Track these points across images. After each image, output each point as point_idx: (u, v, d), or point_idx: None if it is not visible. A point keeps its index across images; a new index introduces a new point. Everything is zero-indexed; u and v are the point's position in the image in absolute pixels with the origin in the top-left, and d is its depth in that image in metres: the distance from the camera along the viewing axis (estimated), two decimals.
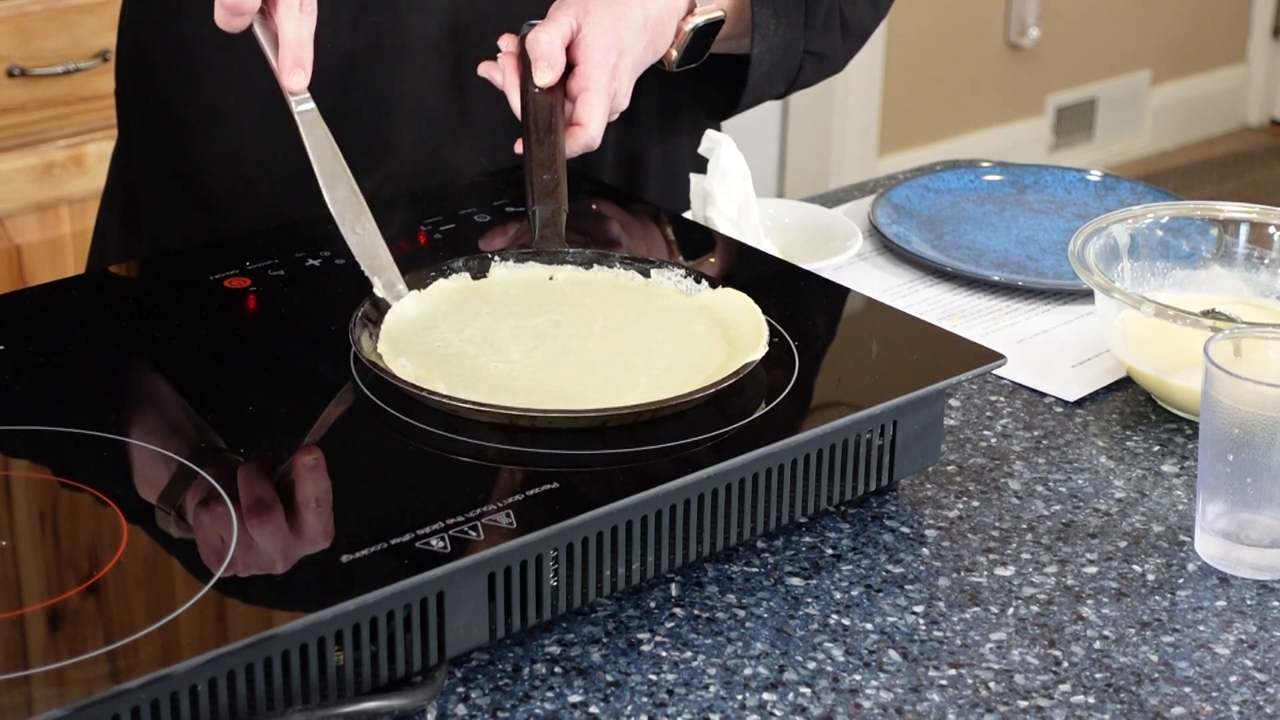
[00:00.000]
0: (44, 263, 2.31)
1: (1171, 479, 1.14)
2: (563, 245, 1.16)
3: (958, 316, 1.34)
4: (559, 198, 1.20)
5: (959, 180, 1.55)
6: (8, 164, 2.26)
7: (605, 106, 1.24)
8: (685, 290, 1.12)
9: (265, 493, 0.92)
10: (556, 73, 1.23)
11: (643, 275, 1.13)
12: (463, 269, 1.13)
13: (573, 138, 1.23)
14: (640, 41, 1.26)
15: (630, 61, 1.26)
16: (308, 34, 1.11)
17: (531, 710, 0.91)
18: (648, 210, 1.30)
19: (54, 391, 1.02)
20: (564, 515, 0.91)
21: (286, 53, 1.10)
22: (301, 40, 1.10)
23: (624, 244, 1.23)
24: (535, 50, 1.23)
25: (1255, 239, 1.29)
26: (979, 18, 3.87)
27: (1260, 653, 0.97)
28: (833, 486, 1.03)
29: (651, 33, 1.27)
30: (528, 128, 1.23)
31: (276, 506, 0.91)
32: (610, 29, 1.24)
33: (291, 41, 1.10)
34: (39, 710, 0.76)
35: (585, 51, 1.24)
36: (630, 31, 1.25)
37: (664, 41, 1.29)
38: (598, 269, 1.14)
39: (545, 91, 1.24)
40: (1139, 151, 4.25)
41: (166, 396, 1.03)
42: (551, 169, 1.21)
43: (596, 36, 1.24)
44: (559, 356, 1.05)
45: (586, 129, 1.23)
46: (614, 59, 1.24)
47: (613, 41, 1.24)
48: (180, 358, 1.06)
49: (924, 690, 0.93)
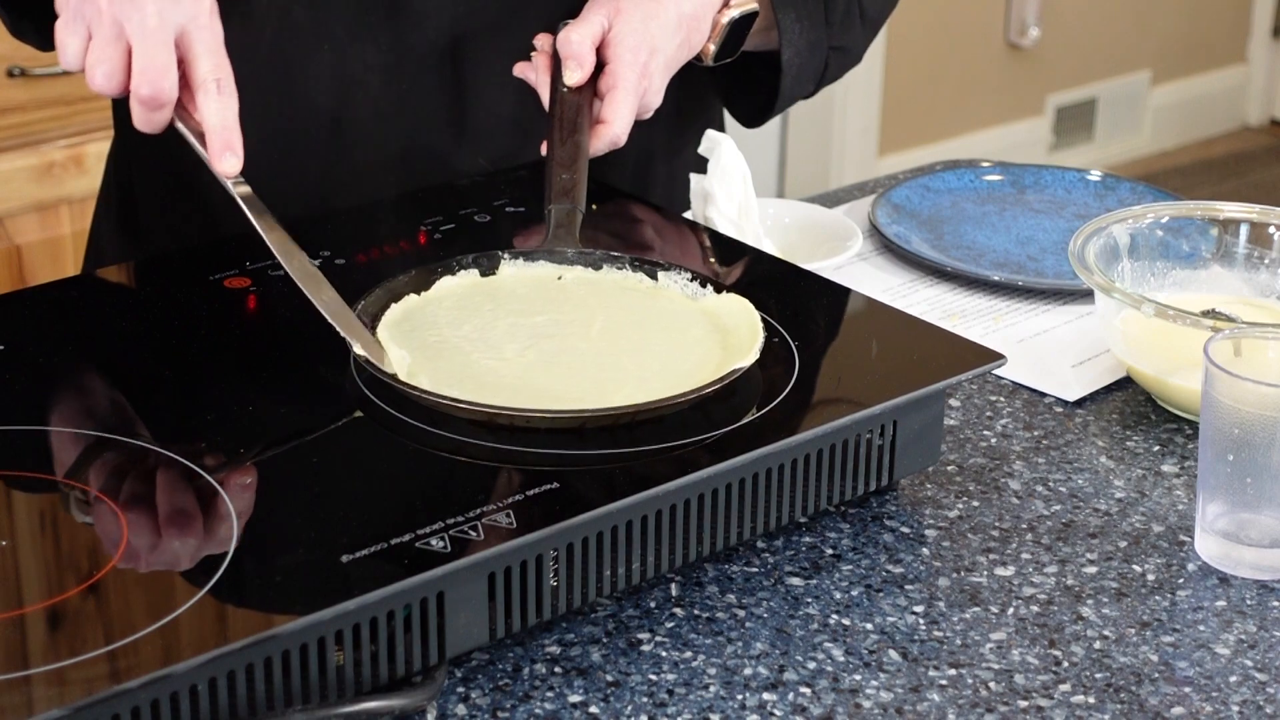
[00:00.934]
0: (44, 263, 2.31)
1: (1171, 479, 1.14)
2: (576, 245, 1.16)
3: (958, 316, 1.34)
4: (576, 198, 1.19)
5: (959, 180, 1.55)
6: (8, 164, 2.26)
7: (632, 105, 1.23)
8: (690, 294, 1.11)
9: (185, 501, 0.91)
10: (585, 72, 1.23)
11: (650, 278, 1.13)
12: (471, 265, 1.13)
13: (598, 136, 1.23)
14: (674, 39, 1.26)
15: (663, 59, 1.25)
16: (231, 116, 1.08)
17: (531, 710, 0.91)
18: (656, 212, 1.30)
19: (54, 391, 1.02)
20: (564, 515, 0.91)
21: (214, 139, 1.07)
22: (226, 123, 1.07)
23: (636, 246, 1.23)
24: (565, 49, 1.24)
25: (1255, 239, 1.29)
26: (979, 18, 3.87)
27: (1260, 653, 0.97)
28: (833, 486, 1.03)
29: (686, 29, 1.27)
30: (552, 126, 1.23)
31: (175, 514, 0.90)
32: (641, 27, 1.24)
33: (216, 127, 1.07)
34: (39, 710, 0.76)
35: (615, 50, 1.24)
36: (663, 29, 1.25)
37: (699, 37, 1.29)
38: (607, 270, 1.14)
39: (574, 90, 1.24)
40: (1139, 151, 4.25)
41: (166, 396, 1.03)
42: (571, 169, 1.20)
43: (627, 35, 1.24)
44: (552, 356, 1.05)
45: (611, 126, 1.22)
46: (644, 57, 1.24)
47: (643, 40, 1.24)
48: (180, 358, 1.06)
49: (924, 690, 0.93)
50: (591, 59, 1.24)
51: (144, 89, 1.07)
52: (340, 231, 1.22)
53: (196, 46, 1.08)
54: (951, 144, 3.85)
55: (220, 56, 1.09)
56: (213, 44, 1.08)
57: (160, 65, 1.06)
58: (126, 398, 1.03)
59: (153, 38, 1.06)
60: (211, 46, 1.08)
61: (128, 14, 1.06)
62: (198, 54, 1.08)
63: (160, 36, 1.06)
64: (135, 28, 1.06)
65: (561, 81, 1.24)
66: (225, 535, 0.88)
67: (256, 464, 0.95)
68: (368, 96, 1.32)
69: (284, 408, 1.01)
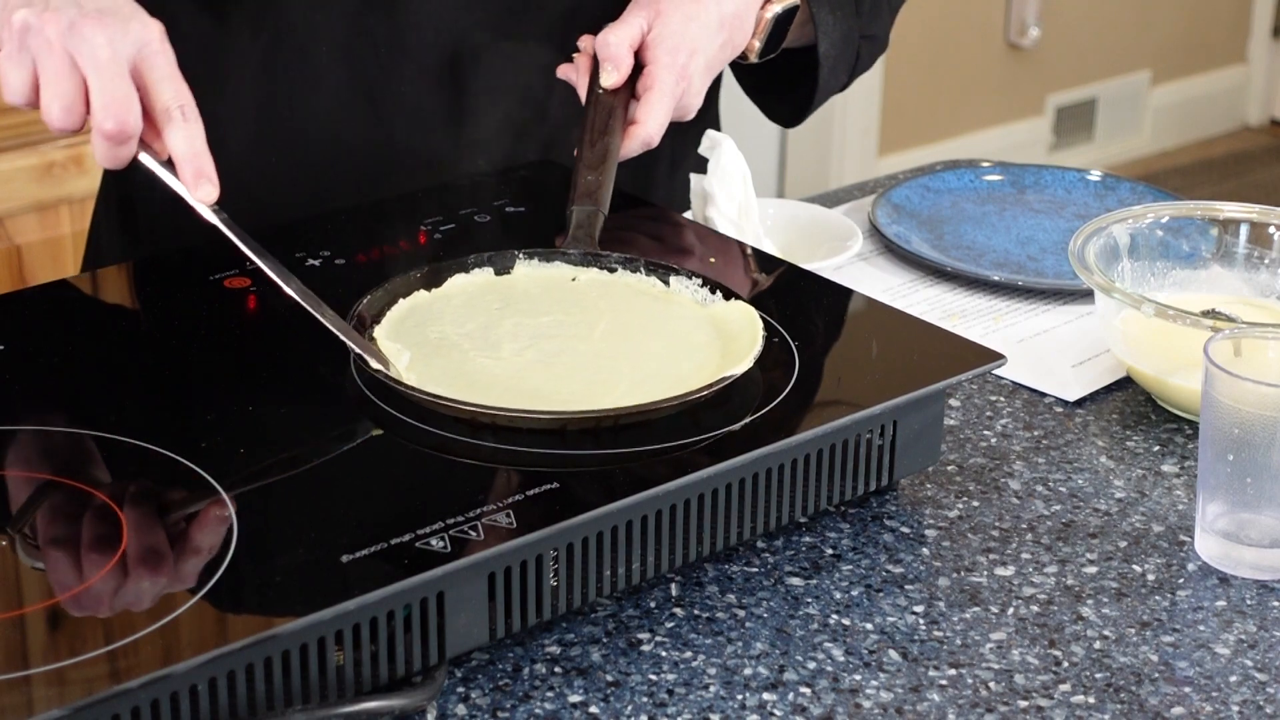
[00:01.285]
0: (44, 263, 2.31)
1: (1171, 479, 1.14)
2: (593, 248, 1.16)
3: (958, 316, 1.34)
4: (599, 200, 1.19)
5: (959, 180, 1.55)
6: (8, 164, 2.26)
7: (667, 107, 1.23)
8: (700, 300, 1.11)
9: (154, 540, 0.90)
10: (622, 74, 1.23)
11: (663, 283, 1.13)
12: (486, 264, 1.13)
13: (631, 137, 1.22)
14: (716, 40, 1.25)
15: (703, 60, 1.25)
16: (200, 143, 1.04)
17: (531, 710, 0.91)
18: (657, 212, 1.30)
19: (54, 391, 1.02)
20: (564, 515, 0.91)
21: (186, 168, 1.04)
22: (196, 150, 1.03)
23: (634, 247, 1.22)
24: (603, 51, 1.23)
25: (1255, 239, 1.29)
26: (979, 18, 3.87)
27: (1260, 653, 0.97)
28: (833, 486, 1.03)
29: (729, 29, 1.26)
30: (584, 128, 1.23)
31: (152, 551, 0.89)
32: (680, 29, 1.24)
33: (187, 155, 1.03)
34: (39, 710, 0.76)
35: (654, 52, 1.24)
36: (703, 30, 1.25)
37: (743, 36, 1.28)
38: (622, 273, 1.14)
39: (610, 92, 1.23)
40: (1139, 151, 4.25)
41: (166, 396, 1.03)
42: (598, 170, 1.20)
43: (665, 37, 1.23)
44: (548, 357, 1.05)
45: (644, 127, 1.22)
46: (684, 59, 1.23)
47: (683, 41, 1.23)
48: (180, 358, 1.06)
49: (924, 690, 0.93)
50: (628, 61, 1.23)
51: (108, 123, 1.02)
52: (340, 231, 1.22)
53: (153, 74, 1.04)
54: (951, 144, 3.85)
55: (179, 81, 1.05)
56: (169, 70, 1.04)
57: (121, 97, 1.02)
58: (126, 398, 1.03)
59: (107, 69, 1.02)
60: (168, 73, 1.04)
61: (77, 46, 1.02)
62: (155, 80, 1.04)
63: (115, 67, 1.02)
64: (88, 59, 1.02)
65: (598, 83, 1.24)
66: (225, 535, 0.88)
67: (256, 464, 0.95)
68: (368, 98, 1.32)
69: (284, 408, 1.01)
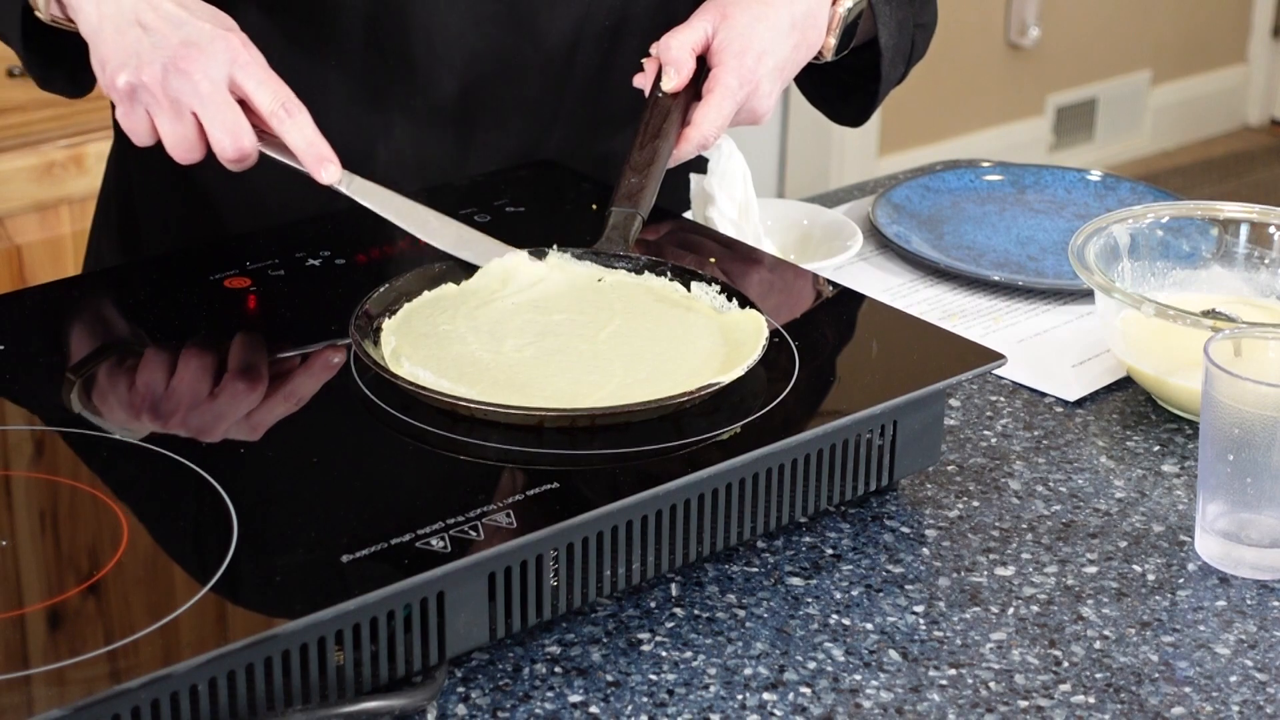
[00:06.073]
0: (44, 263, 2.31)
1: (1171, 479, 1.14)
2: (627, 250, 1.16)
3: (958, 316, 1.34)
4: (639, 202, 1.18)
5: (959, 180, 1.55)
6: (8, 164, 2.26)
7: (726, 109, 1.22)
8: (717, 306, 1.11)
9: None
10: (682, 78, 1.22)
11: (684, 288, 1.13)
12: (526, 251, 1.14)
13: (685, 139, 1.22)
14: (787, 42, 1.25)
15: (773, 63, 1.24)
16: (312, 131, 1.12)
17: (531, 710, 0.91)
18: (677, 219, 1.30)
19: (54, 391, 1.02)
20: (564, 515, 0.91)
21: (307, 155, 1.12)
22: (310, 139, 1.12)
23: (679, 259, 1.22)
24: (665, 55, 1.23)
25: (1255, 239, 1.29)
26: (979, 18, 3.87)
27: (1260, 653, 0.97)
28: (833, 486, 1.03)
29: (801, 31, 1.26)
30: (639, 130, 1.22)
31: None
32: (746, 31, 1.23)
33: (303, 145, 1.12)
34: (39, 710, 0.76)
35: (719, 55, 1.23)
36: (772, 32, 1.24)
37: (816, 36, 1.28)
38: (648, 276, 1.14)
39: (669, 96, 1.23)
40: (1139, 151, 4.25)
41: (166, 396, 1.03)
42: (643, 174, 1.19)
43: (732, 40, 1.23)
44: (548, 354, 1.05)
45: (699, 129, 1.21)
46: (750, 62, 1.22)
47: (748, 44, 1.23)
48: (180, 358, 1.06)
49: (924, 690, 0.93)
50: (690, 64, 1.23)
51: (229, 153, 1.11)
52: (340, 231, 1.22)
53: (248, 83, 1.11)
54: (951, 144, 3.85)
55: (274, 82, 1.12)
56: (261, 74, 1.11)
57: (230, 123, 1.10)
58: (126, 398, 1.03)
59: (210, 101, 1.10)
60: (262, 77, 1.11)
61: (178, 89, 1.10)
62: (252, 90, 1.11)
63: (218, 96, 1.10)
64: (191, 98, 1.10)
65: (658, 87, 1.24)
66: (225, 535, 0.88)
67: (256, 464, 0.95)
68: (367, 98, 1.32)
69: (284, 408, 1.01)
